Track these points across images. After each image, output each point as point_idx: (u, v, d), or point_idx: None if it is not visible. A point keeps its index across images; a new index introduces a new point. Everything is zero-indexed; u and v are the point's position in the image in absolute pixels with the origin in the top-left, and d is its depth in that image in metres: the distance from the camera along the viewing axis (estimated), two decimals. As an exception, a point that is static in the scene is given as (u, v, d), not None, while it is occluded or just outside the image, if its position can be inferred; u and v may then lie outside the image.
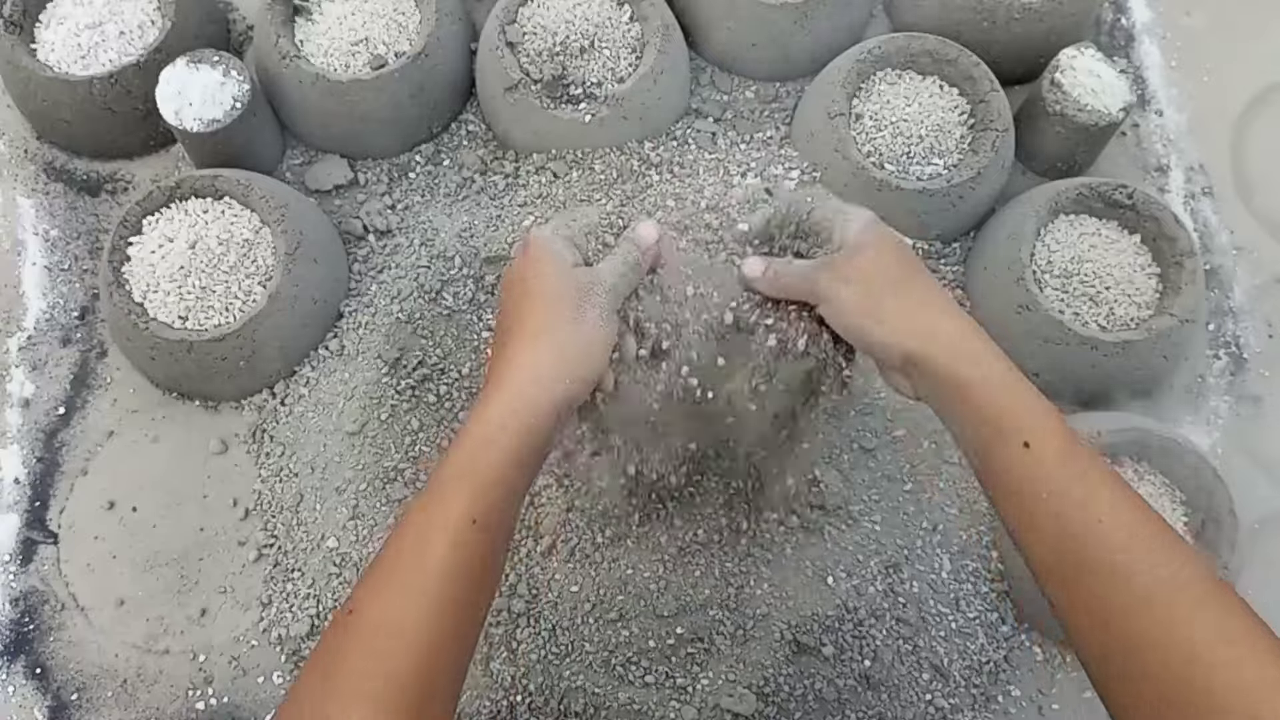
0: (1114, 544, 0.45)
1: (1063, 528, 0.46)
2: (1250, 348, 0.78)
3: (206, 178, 0.72)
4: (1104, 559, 0.45)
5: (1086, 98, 0.74)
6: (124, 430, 0.73)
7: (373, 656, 0.43)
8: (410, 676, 0.43)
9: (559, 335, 0.51)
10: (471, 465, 0.48)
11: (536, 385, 0.50)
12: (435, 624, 0.44)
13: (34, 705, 0.66)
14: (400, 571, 0.46)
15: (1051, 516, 0.47)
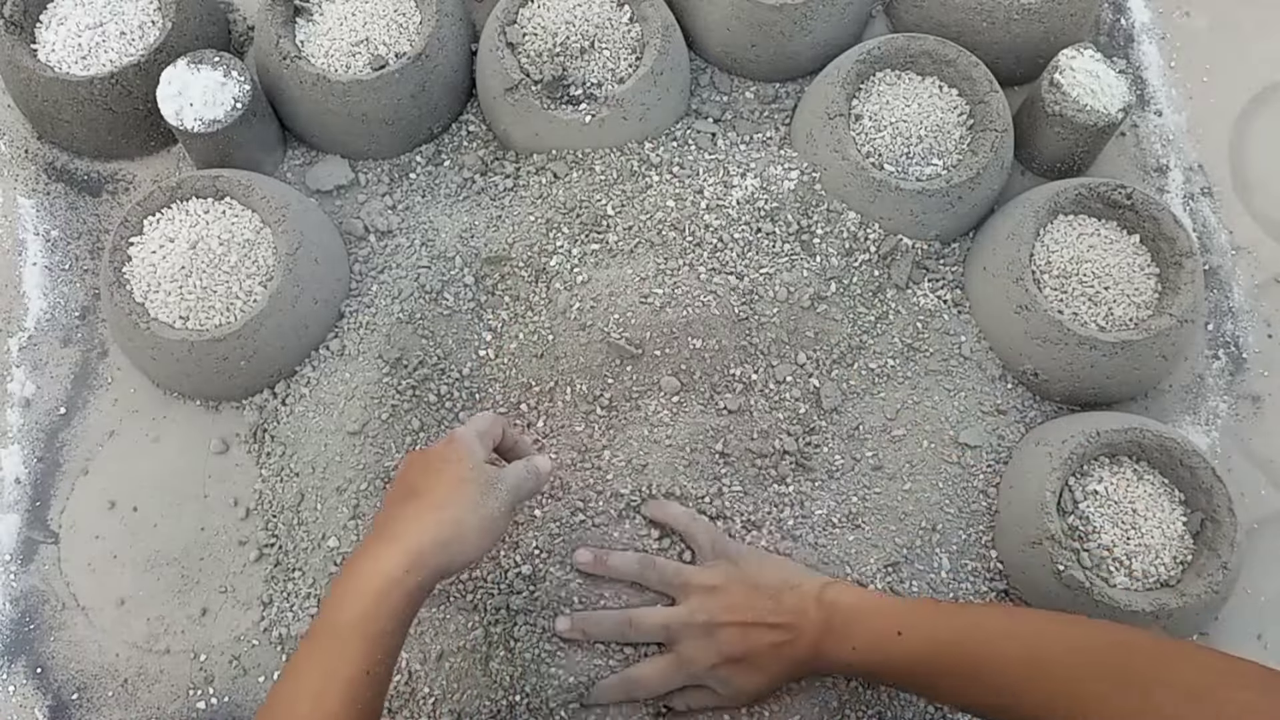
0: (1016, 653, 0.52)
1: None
2: (1249, 348, 0.78)
3: (207, 178, 0.72)
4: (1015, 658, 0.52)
5: (1086, 98, 0.74)
6: (125, 430, 0.73)
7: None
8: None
9: (461, 513, 0.56)
10: (370, 615, 0.51)
11: (435, 549, 0.54)
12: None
13: (34, 705, 0.66)
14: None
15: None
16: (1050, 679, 0.49)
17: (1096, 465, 0.68)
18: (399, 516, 0.56)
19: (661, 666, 0.63)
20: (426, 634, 0.65)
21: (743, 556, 0.65)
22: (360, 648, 0.50)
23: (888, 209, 0.74)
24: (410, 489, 0.57)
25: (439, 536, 0.54)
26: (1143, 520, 0.66)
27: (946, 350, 0.74)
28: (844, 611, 0.59)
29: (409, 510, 0.56)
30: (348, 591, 0.52)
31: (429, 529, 0.54)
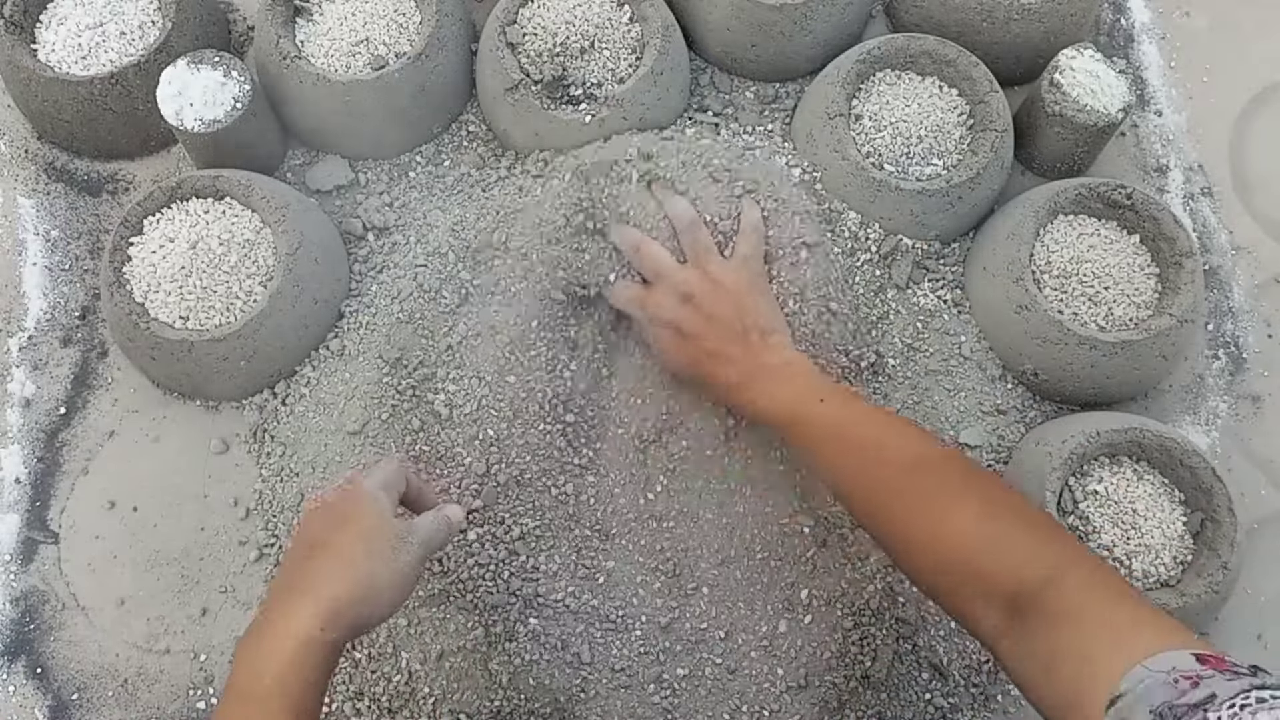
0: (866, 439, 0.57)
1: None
2: (1249, 348, 0.78)
3: (207, 178, 0.72)
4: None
5: (1086, 98, 0.74)
6: (125, 430, 0.73)
7: None
8: None
9: (374, 567, 0.53)
10: (290, 678, 0.49)
11: (350, 605, 0.51)
12: None
13: (34, 705, 0.66)
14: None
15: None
16: (870, 479, 0.56)
17: (1096, 465, 0.68)
18: (308, 572, 0.53)
19: (634, 292, 0.67)
20: (426, 634, 0.64)
21: (726, 278, 0.65)
22: (287, 711, 0.48)
23: (888, 209, 0.74)
24: (315, 543, 0.54)
25: (354, 592, 0.52)
26: (1143, 520, 0.66)
27: (946, 350, 0.74)
28: (783, 364, 0.62)
29: (317, 565, 0.53)
30: (262, 654, 0.49)
31: (343, 583, 0.52)
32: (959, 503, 0.52)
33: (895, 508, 0.54)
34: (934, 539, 0.52)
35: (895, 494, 0.55)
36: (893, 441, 0.57)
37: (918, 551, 0.53)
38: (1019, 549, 0.49)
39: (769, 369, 0.62)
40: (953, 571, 0.51)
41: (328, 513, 0.56)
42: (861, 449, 0.57)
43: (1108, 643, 0.42)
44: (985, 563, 0.49)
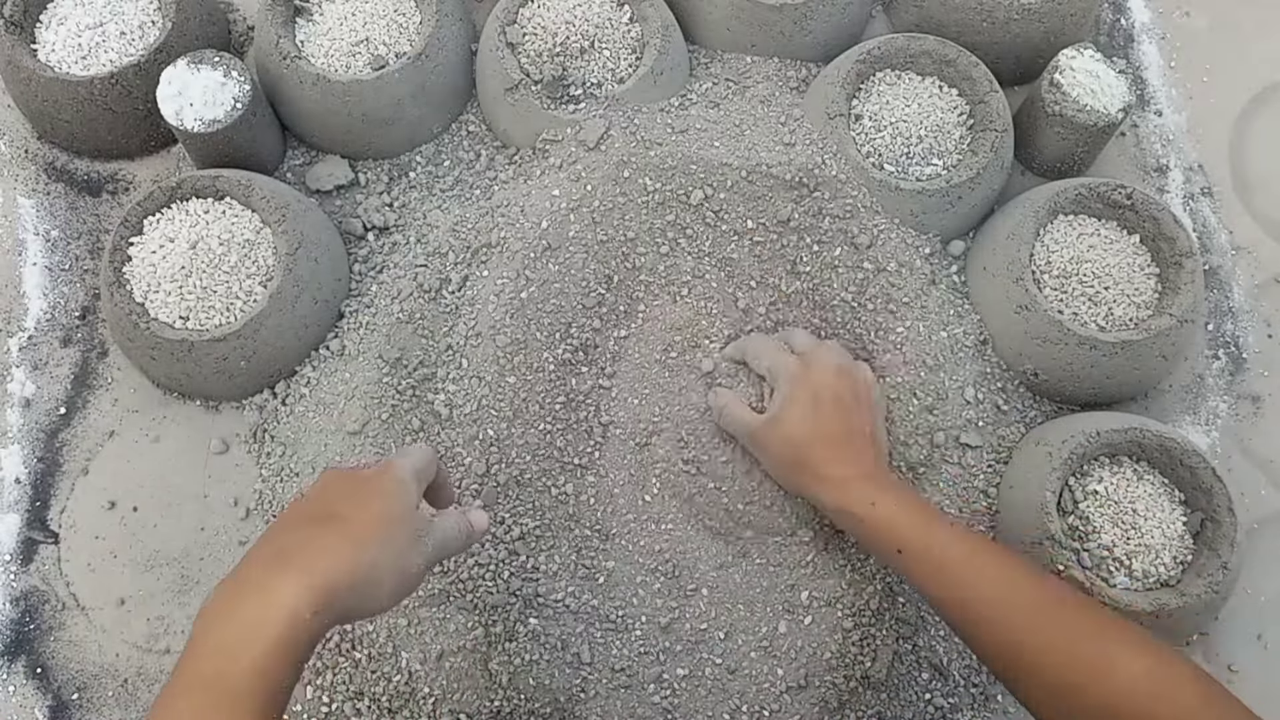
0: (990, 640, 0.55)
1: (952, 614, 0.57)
2: (1249, 348, 0.78)
3: (207, 178, 0.72)
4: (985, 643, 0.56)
5: (1086, 98, 0.74)
6: (125, 430, 0.73)
7: None
8: None
9: (382, 557, 0.47)
10: (270, 665, 0.42)
11: (348, 591, 0.45)
12: None
13: (34, 705, 0.66)
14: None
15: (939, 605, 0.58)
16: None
17: (1096, 465, 0.68)
18: (308, 541, 0.46)
19: (788, 360, 0.67)
20: (426, 634, 0.64)
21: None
22: (257, 707, 0.41)
23: (888, 209, 0.74)
24: (326, 514, 0.48)
25: (354, 578, 0.45)
26: (1143, 520, 0.66)
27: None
28: (892, 482, 0.63)
29: (322, 537, 0.47)
30: (235, 629, 0.42)
31: (344, 564, 0.45)
32: (1127, 650, 0.51)
33: (1045, 649, 0.53)
34: (1101, 686, 0.50)
35: (1040, 633, 0.53)
36: (1023, 580, 0.55)
37: (1074, 694, 0.51)
38: (1190, 699, 0.49)
39: (882, 479, 0.62)
40: (1123, 716, 0.50)
41: (351, 484, 0.50)
42: (992, 582, 0.56)
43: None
44: (1162, 710, 0.49)
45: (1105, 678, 0.50)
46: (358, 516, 0.48)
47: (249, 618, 0.43)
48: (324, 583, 0.44)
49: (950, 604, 0.57)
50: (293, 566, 0.45)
